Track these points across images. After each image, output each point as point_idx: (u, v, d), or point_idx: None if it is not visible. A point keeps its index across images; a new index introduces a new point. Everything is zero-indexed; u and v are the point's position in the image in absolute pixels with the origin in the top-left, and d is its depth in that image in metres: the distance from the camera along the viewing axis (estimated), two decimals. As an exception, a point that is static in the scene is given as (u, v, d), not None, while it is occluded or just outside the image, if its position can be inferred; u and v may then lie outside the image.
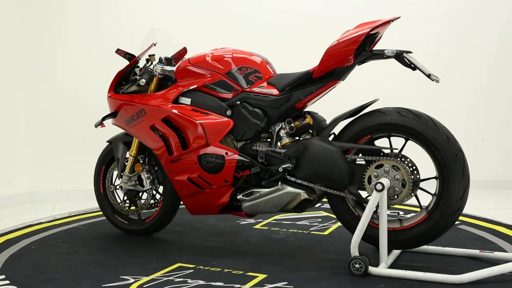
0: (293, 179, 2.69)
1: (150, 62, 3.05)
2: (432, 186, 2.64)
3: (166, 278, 2.46)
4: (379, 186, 2.43)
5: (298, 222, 3.50)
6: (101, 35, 4.66)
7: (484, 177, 4.52)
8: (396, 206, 3.25)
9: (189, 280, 2.43)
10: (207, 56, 2.91)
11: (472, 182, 2.55)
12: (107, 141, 3.30)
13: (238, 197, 2.81)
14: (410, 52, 2.54)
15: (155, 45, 3.03)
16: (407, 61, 2.53)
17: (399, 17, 2.59)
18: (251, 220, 3.56)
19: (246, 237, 3.19)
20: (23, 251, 2.97)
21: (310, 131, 2.80)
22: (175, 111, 2.86)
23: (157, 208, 3.17)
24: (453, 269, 2.48)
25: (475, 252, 2.67)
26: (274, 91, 2.77)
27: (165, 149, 2.91)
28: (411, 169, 2.53)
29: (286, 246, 2.97)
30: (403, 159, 2.56)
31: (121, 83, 3.16)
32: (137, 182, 3.16)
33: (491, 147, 4.69)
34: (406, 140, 2.60)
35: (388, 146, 2.60)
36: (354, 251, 2.48)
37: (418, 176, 2.55)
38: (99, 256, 2.84)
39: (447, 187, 2.47)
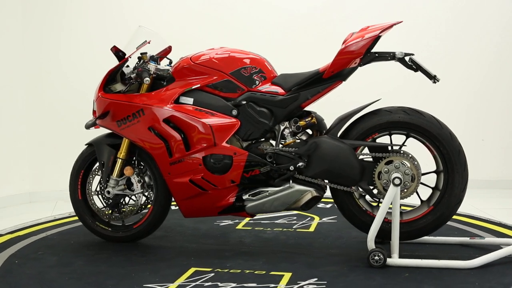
0: (302, 177, 2.73)
1: (142, 61, 2.91)
2: (429, 180, 2.83)
3: (193, 284, 2.37)
4: (397, 181, 2.56)
5: (277, 221, 3.53)
6: (103, 35, 4.55)
7: (484, 177, 4.61)
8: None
9: (220, 284, 2.37)
10: (210, 55, 2.84)
11: (472, 182, 2.74)
12: (86, 144, 3.09)
13: (244, 197, 2.79)
14: (413, 54, 2.70)
15: (149, 43, 2.90)
16: (410, 63, 2.69)
17: (401, 21, 2.74)
18: (230, 221, 3.53)
19: (237, 238, 3.16)
20: (7, 265, 2.69)
21: (308, 130, 2.86)
22: (179, 111, 2.76)
23: (147, 212, 3.03)
24: (455, 256, 2.67)
25: (466, 239, 2.90)
26: (280, 91, 2.79)
27: (164, 151, 2.80)
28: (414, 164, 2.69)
29: (284, 245, 2.99)
30: (405, 155, 2.71)
31: (108, 83, 2.98)
32: (126, 186, 3.00)
33: (491, 147, 4.71)
34: (407, 137, 2.76)
35: (389, 143, 2.74)
36: (371, 244, 2.57)
37: (420, 171, 2.72)
38: (101, 267, 2.65)
39: (452, 180, 2.66)
